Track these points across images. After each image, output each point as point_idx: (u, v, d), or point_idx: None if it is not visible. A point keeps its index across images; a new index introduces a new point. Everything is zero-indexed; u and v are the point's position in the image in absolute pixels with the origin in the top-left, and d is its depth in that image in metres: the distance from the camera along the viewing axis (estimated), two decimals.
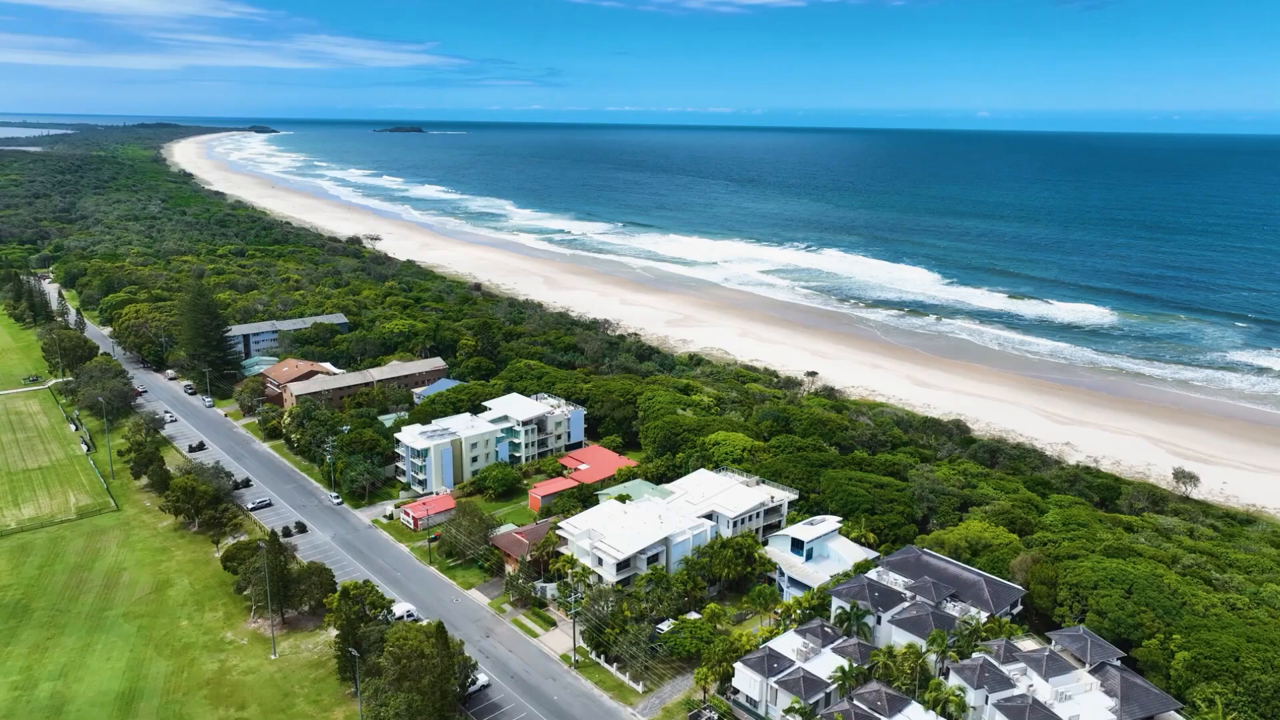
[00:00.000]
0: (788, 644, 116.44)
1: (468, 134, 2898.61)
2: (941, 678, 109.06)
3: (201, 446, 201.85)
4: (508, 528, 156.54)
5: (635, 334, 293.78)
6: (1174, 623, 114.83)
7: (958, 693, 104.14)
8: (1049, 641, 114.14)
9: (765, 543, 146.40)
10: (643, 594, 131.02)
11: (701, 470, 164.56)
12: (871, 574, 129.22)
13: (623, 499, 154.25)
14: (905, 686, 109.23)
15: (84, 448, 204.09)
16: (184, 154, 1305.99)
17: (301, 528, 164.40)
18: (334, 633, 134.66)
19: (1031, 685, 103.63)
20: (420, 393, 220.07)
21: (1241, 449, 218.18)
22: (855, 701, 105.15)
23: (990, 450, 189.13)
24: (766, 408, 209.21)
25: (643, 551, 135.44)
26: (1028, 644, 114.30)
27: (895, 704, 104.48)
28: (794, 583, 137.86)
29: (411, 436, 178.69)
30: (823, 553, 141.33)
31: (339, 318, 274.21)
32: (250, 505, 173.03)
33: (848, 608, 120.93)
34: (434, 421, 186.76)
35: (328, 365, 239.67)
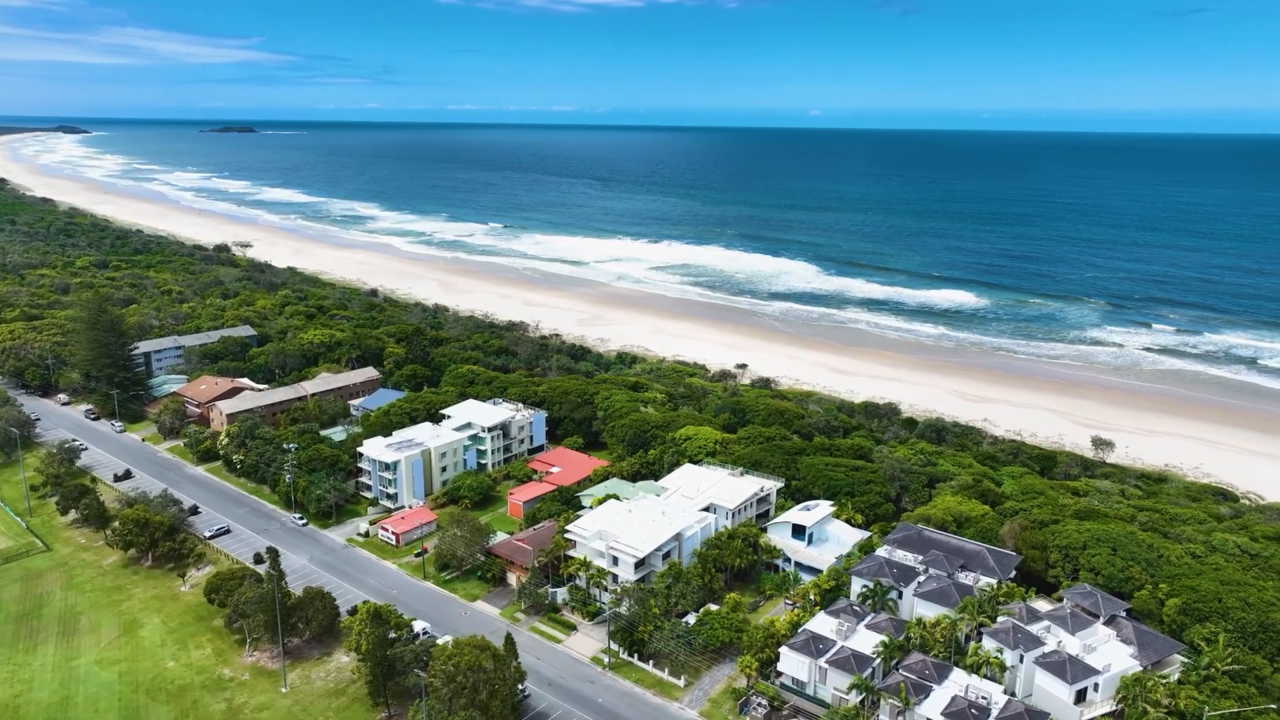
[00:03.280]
0: (823, 625, 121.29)
1: (304, 134, 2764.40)
2: (975, 642, 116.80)
3: (128, 475, 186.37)
4: (502, 535, 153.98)
5: (556, 335, 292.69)
6: (1157, 573, 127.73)
7: (996, 655, 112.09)
8: (1059, 600, 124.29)
9: (763, 530, 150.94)
10: (663, 589, 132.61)
11: (687, 465, 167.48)
12: (881, 552, 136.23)
13: (616, 498, 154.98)
14: (942, 654, 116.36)
15: None
16: None
17: (273, 553, 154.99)
18: (345, 659, 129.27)
19: (1060, 641, 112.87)
20: (357, 404, 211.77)
21: (1130, 415, 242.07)
22: (903, 672, 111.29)
23: (936, 430, 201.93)
24: (711, 401, 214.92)
25: (659, 548, 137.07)
26: (1040, 604, 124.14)
27: (941, 671, 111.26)
28: (800, 567, 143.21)
29: (377, 450, 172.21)
30: (822, 536, 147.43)
31: (246, 330, 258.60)
32: (207, 534, 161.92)
33: (871, 585, 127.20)
34: (395, 433, 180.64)
35: (246, 381, 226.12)
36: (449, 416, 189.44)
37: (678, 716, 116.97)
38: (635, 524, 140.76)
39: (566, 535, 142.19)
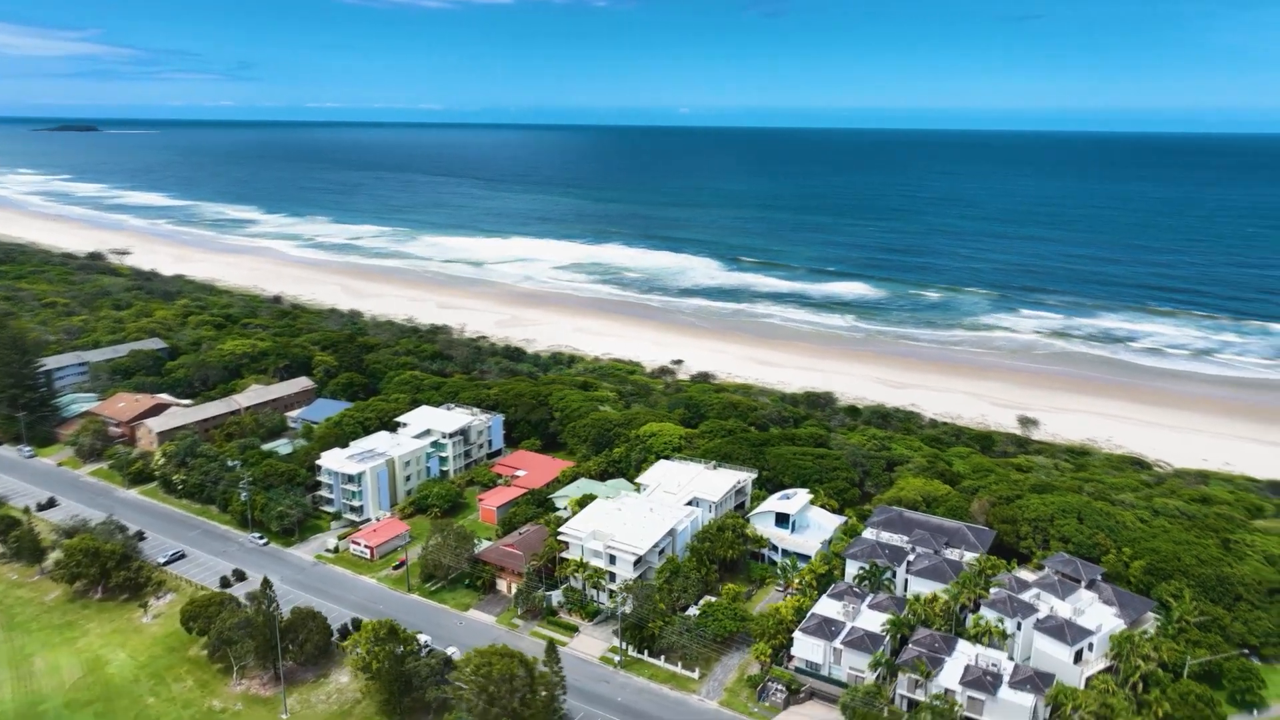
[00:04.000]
0: (828, 608, 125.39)
1: (154, 133, 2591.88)
2: (974, 614, 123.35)
3: (52, 503, 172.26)
4: (486, 542, 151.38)
5: (483, 337, 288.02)
6: (1119, 539, 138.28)
7: (997, 624, 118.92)
8: (1041, 569, 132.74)
9: (746, 521, 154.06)
10: (664, 585, 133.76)
11: (662, 461, 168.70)
12: (868, 534, 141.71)
13: (592, 498, 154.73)
14: (942, 628, 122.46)
15: None
16: None
17: (240, 575, 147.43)
18: (345, 679, 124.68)
19: (1051, 607, 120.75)
20: (295, 416, 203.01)
21: (1039, 395, 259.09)
22: (915, 646, 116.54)
23: (881, 416, 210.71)
24: (659, 397, 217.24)
25: (656, 545, 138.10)
26: (1024, 574, 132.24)
27: (948, 643, 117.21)
28: (787, 554, 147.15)
29: (338, 462, 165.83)
30: (804, 523, 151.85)
31: (156, 343, 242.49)
32: (162, 559, 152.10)
33: (867, 567, 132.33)
34: (353, 444, 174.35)
35: (167, 396, 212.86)
36: (405, 424, 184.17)
37: (699, 708, 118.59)
38: (628, 522, 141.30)
39: (560, 537, 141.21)
